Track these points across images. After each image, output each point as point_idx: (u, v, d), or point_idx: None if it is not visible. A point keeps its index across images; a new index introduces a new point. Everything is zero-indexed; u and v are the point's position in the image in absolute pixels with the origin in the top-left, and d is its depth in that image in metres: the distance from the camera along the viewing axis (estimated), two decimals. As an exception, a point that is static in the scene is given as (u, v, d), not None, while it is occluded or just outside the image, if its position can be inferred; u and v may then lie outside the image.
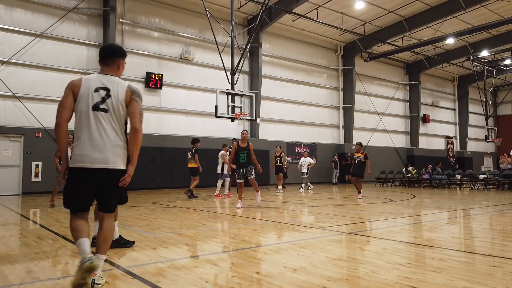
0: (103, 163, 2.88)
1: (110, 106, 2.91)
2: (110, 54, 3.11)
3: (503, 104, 34.31)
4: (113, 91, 2.94)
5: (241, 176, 9.16)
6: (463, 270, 3.57)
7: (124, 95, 2.95)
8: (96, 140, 2.89)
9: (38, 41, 14.76)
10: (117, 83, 2.99)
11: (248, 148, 9.19)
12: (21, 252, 4.44)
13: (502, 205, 9.95)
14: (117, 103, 2.92)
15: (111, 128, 2.91)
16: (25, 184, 14.17)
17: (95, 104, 2.91)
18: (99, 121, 2.90)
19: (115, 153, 2.91)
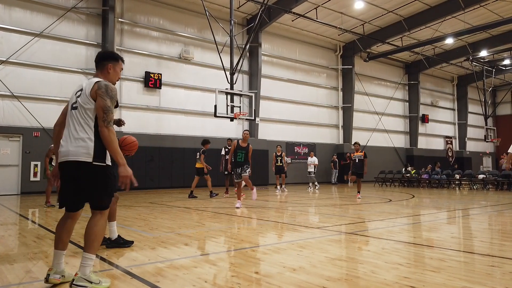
0: (65, 155, 2.95)
1: (79, 102, 2.99)
2: (99, 58, 3.23)
3: (502, 104, 34.35)
4: (84, 89, 3.02)
5: (238, 176, 9.12)
6: (462, 270, 3.57)
7: (90, 90, 2.96)
8: (65, 135, 3.03)
9: (37, 40, 14.73)
10: (91, 82, 3.04)
11: (247, 148, 9.13)
12: (20, 252, 4.43)
13: (501, 205, 9.96)
14: (84, 98, 2.96)
15: (77, 123, 2.97)
16: (23, 183, 14.15)
17: (72, 104, 3.07)
18: (72, 118, 3.02)
19: (76, 145, 2.92)
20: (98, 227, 3.02)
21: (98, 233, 3.02)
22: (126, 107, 16.61)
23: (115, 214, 4.68)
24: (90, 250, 2.96)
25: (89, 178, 2.94)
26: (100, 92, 2.94)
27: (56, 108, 15.02)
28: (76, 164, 2.91)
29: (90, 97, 2.95)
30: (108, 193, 3.06)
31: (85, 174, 2.93)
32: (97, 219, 3.03)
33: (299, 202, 10.76)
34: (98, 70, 3.20)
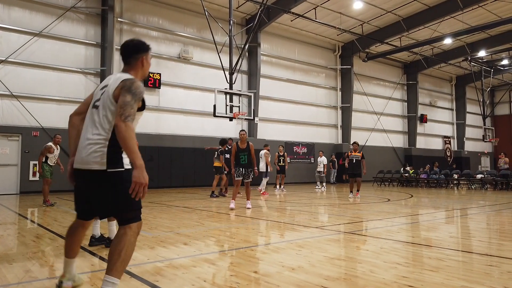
0: (78, 161, 2.63)
1: (101, 101, 2.63)
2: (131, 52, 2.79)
3: (500, 104, 34.42)
4: (108, 86, 2.66)
5: (239, 174, 8.69)
6: (460, 269, 3.59)
7: (114, 89, 2.59)
8: (81, 138, 2.68)
9: (36, 40, 14.72)
10: (116, 78, 2.66)
11: (248, 148, 8.71)
12: (19, 251, 4.44)
13: (499, 204, 9.98)
14: (107, 98, 2.60)
15: (94, 124, 2.61)
16: (23, 183, 14.13)
17: (94, 102, 2.71)
18: (90, 118, 2.67)
19: (88, 150, 2.55)
20: (122, 244, 2.49)
21: (123, 252, 2.48)
22: (125, 106, 16.59)
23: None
24: (112, 272, 2.45)
25: (104, 189, 2.53)
26: (123, 90, 2.56)
27: (55, 108, 15.01)
28: (88, 173, 2.56)
29: (113, 98, 2.58)
30: (132, 202, 2.54)
31: (99, 185, 2.54)
32: (122, 234, 2.53)
33: (298, 202, 10.78)
34: (128, 66, 2.77)
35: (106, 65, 15.70)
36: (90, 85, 15.83)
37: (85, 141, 2.59)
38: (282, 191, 15.04)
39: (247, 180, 8.78)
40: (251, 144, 8.82)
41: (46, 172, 9.60)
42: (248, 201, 8.98)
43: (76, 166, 2.63)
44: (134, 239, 2.56)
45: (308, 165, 22.45)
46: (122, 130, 2.44)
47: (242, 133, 8.97)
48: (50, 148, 9.67)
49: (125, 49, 2.79)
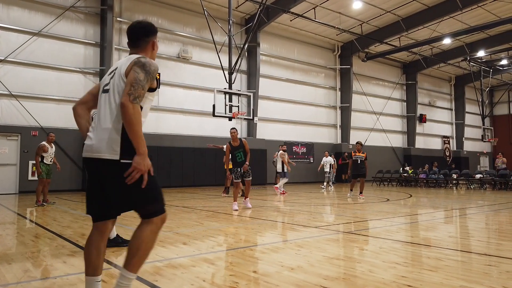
0: (88, 150, 2.37)
1: (111, 85, 2.41)
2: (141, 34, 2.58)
3: (499, 104, 34.45)
4: (118, 69, 2.42)
5: (238, 176, 8.56)
6: (459, 269, 3.59)
7: (126, 68, 2.35)
8: (93, 124, 2.44)
9: (35, 39, 14.70)
10: (127, 59, 2.44)
11: (242, 145, 8.50)
12: (18, 251, 4.43)
13: (498, 204, 10.00)
14: (119, 79, 2.37)
15: (106, 109, 2.37)
16: (22, 183, 14.12)
17: (103, 87, 2.48)
18: (100, 104, 2.43)
19: (100, 138, 2.32)
20: (142, 238, 2.34)
21: (141, 246, 2.33)
22: (124, 106, 16.59)
23: None
24: (128, 266, 2.33)
25: (117, 181, 2.28)
26: (135, 66, 2.33)
27: (55, 108, 15.00)
28: (101, 162, 2.31)
29: (124, 76, 2.34)
30: (152, 195, 2.37)
31: (112, 176, 2.31)
32: (141, 229, 2.38)
33: (297, 202, 10.78)
34: (136, 49, 2.55)
35: (105, 65, 15.69)
36: (89, 85, 15.81)
37: (98, 128, 2.36)
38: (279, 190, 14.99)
39: (248, 178, 8.61)
40: (243, 140, 8.61)
41: (42, 172, 9.54)
42: (247, 199, 8.86)
43: (86, 154, 2.38)
44: (153, 235, 2.39)
45: (307, 165, 22.46)
46: (129, 111, 2.21)
47: (232, 131, 8.62)
48: (44, 147, 9.61)
49: (133, 31, 2.56)
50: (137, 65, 2.35)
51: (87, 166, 2.43)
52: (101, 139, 2.31)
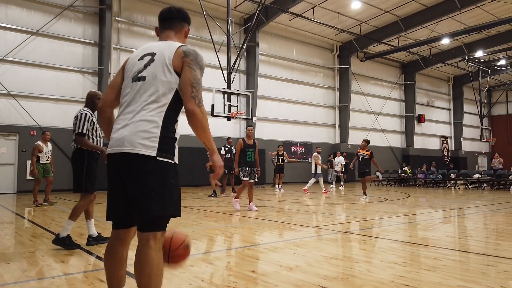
0: (118, 145, 2.07)
1: (150, 72, 2.12)
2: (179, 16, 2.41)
3: (497, 104, 34.52)
4: (158, 55, 2.15)
5: (247, 174, 8.20)
6: (457, 269, 3.60)
7: (172, 58, 2.12)
8: (122, 115, 2.15)
9: (34, 39, 14.67)
10: (167, 45, 2.20)
11: (255, 145, 8.36)
12: (16, 251, 4.42)
13: (496, 204, 10.02)
14: (162, 68, 2.11)
15: (144, 99, 2.09)
16: (20, 182, 14.09)
17: (134, 73, 2.18)
18: (134, 92, 2.14)
19: (134, 131, 2.04)
20: (151, 261, 2.00)
21: (153, 272, 1.99)
22: (123, 106, 16.59)
23: (78, 216, 4.58)
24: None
25: (149, 179, 2.03)
26: (188, 60, 2.13)
27: (53, 107, 14.97)
28: (132, 157, 2.03)
29: (171, 66, 2.10)
30: (174, 204, 2.13)
31: (143, 174, 2.03)
32: (148, 247, 2.01)
33: (296, 201, 10.78)
34: (171, 30, 2.34)
35: (103, 64, 15.67)
36: (88, 84, 15.79)
37: (132, 119, 2.07)
38: (280, 190, 15.06)
39: (253, 180, 8.36)
40: (256, 142, 8.52)
41: (38, 172, 9.49)
42: (252, 203, 8.46)
43: (114, 150, 2.08)
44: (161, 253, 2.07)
45: (306, 165, 22.46)
46: (198, 117, 2.11)
47: (249, 129, 8.59)
48: (39, 146, 9.53)
49: (171, 12, 2.39)
50: (189, 58, 2.14)
51: (112, 164, 2.13)
52: (136, 133, 2.03)
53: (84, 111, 4.61)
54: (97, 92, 4.86)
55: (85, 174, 4.50)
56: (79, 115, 4.54)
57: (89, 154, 4.56)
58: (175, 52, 2.13)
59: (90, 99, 4.77)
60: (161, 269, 2.04)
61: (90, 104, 4.75)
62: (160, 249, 2.06)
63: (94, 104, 4.76)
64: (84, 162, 4.51)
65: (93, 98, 4.76)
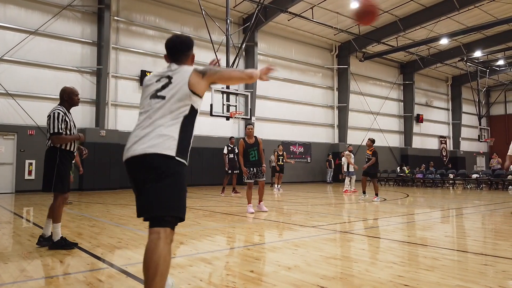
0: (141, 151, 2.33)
1: (168, 92, 2.43)
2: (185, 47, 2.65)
3: (496, 104, 34.59)
4: (174, 78, 2.47)
5: (251, 176, 7.99)
6: (455, 268, 3.61)
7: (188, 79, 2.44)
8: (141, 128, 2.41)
9: (32, 38, 14.64)
10: (183, 70, 2.50)
11: (257, 143, 8.05)
12: (14, 250, 4.41)
13: (494, 204, 10.04)
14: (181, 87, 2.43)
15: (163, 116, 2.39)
16: (18, 182, 14.06)
17: (154, 93, 2.48)
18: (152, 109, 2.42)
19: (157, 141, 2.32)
20: (159, 253, 2.17)
21: (160, 262, 2.14)
22: (122, 105, 16.57)
23: (60, 216, 4.48)
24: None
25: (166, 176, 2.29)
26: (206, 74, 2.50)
27: (51, 106, 14.78)
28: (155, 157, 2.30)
29: (188, 88, 2.41)
30: (183, 203, 2.39)
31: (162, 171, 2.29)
32: (157, 239, 2.21)
33: (295, 201, 10.79)
34: (178, 62, 2.59)
35: (102, 64, 15.65)
36: (86, 84, 15.78)
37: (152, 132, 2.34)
38: (279, 190, 15.07)
39: (261, 179, 8.07)
40: (259, 139, 8.15)
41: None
42: (262, 202, 8.23)
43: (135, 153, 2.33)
44: (170, 247, 2.26)
45: (305, 165, 22.49)
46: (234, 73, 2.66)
47: (249, 128, 8.27)
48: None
49: (174, 46, 2.63)
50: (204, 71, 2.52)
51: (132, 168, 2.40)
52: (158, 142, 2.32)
53: (57, 110, 4.50)
54: (74, 88, 4.73)
55: (56, 173, 4.37)
56: (52, 114, 4.45)
57: (61, 153, 4.45)
58: (190, 75, 2.45)
59: (68, 96, 4.64)
60: (168, 261, 2.20)
61: (67, 102, 4.64)
62: (169, 244, 2.28)
63: (72, 101, 4.66)
64: (55, 161, 4.39)
65: (71, 95, 4.66)
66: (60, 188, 4.40)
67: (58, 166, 4.39)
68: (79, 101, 4.81)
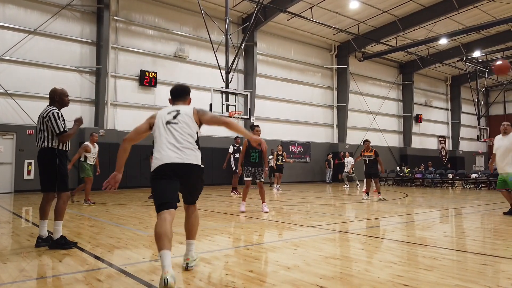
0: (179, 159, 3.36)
1: (181, 120, 3.47)
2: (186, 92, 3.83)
3: (494, 104, 34.63)
4: (182, 111, 3.53)
5: (249, 174, 8.07)
6: (454, 268, 3.61)
7: (192, 115, 3.54)
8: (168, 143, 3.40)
9: (31, 38, 14.62)
10: (187, 109, 3.60)
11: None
12: (13, 250, 4.41)
13: (493, 204, 10.05)
14: (187, 119, 3.49)
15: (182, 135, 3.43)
16: (17, 182, 14.05)
17: (168, 122, 3.46)
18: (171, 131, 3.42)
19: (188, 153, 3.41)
20: (197, 217, 3.76)
21: (196, 221, 3.74)
22: (121, 105, 16.55)
23: (63, 215, 4.55)
24: (193, 236, 3.68)
25: (198, 177, 3.56)
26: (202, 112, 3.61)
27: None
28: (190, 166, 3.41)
29: (193, 120, 3.53)
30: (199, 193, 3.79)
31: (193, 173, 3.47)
32: (195, 210, 3.73)
33: (294, 201, 10.79)
34: (182, 101, 3.76)
35: (101, 63, 15.63)
36: (85, 83, 15.76)
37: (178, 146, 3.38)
38: (278, 190, 15.07)
39: (259, 180, 8.11)
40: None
41: (88, 170, 9.57)
42: (264, 203, 8.12)
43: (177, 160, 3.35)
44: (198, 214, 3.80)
45: (304, 165, 22.50)
46: (233, 122, 3.66)
47: (257, 129, 8.17)
48: (87, 147, 9.61)
49: (179, 91, 3.80)
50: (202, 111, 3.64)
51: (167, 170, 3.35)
52: (190, 154, 3.42)
53: (54, 110, 4.52)
54: (64, 89, 4.78)
55: (58, 173, 4.44)
56: (51, 115, 4.46)
57: (59, 153, 4.52)
58: (192, 112, 3.55)
59: (59, 97, 4.66)
60: (198, 222, 3.79)
61: (58, 102, 4.66)
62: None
63: (63, 102, 4.69)
64: (55, 162, 4.45)
65: (62, 96, 4.68)
66: (64, 187, 4.51)
67: (59, 166, 4.47)
68: (69, 102, 4.86)
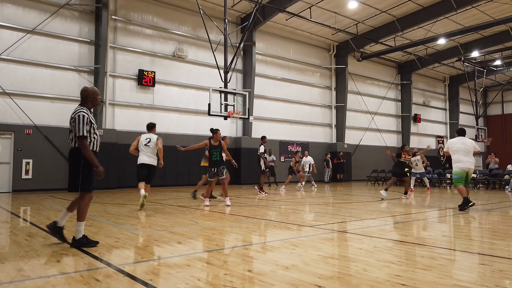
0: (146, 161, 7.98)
1: (150, 143, 7.96)
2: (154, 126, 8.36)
3: (493, 105, 34.71)
4: (151, 139, 8.02)
5: (212, 175, 8.98)
6: (453, 268, 3.62)
7: (156, 140, 7.99)
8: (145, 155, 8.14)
9: (29, 37, 14.59)
10: (155, 137, 8.05)
11: (220, 146, 8.95)
12: (11, 250, 4.40)
13: (491, 203, 10.08)
14: (153, 143, 8.07)
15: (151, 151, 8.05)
16: (15, 181, 14.02)
17: (145, 143, 8.00)
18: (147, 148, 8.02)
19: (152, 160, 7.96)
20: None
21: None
22: (120, 105, 16.53)
23: (85, 215, 4.56)
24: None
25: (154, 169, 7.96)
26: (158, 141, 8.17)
27: (49, 106, 14.91)
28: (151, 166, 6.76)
29: (156, 144, 8.14)
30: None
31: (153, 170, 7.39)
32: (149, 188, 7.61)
33: (293, 201, 10.80)
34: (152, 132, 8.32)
35: (100, 63, 15.61)
36: (84, 83, 15.73)
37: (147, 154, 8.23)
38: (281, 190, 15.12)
39: (221, 177, 9.01)
40: (223, 142, 9.08)
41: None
42: (227, 198, 9.22)
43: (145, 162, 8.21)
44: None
45: (302, 164, 22.46)
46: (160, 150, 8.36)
47: (219, 133, 9.14)
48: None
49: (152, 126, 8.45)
50: (159, 140, 8.31)
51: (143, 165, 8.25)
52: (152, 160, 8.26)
53: (81, 112, 4.43)
54: (96, 88, 4.76)
55: (81, 173, 4.45)
56: (76, 117, 4.39)
57: None
58: (157, 139, 8.27)
59: (92, 96, 4.62)
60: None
61: (92, 102, 4.62)
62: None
63: (96, 101, 4.67)
64: (80, 162, 4.44)
65: (94, 95, 4.64)
66: (87, 188, 4.49)
67: (83, 167, 4.46)
68: (101, 101, 4.93)
